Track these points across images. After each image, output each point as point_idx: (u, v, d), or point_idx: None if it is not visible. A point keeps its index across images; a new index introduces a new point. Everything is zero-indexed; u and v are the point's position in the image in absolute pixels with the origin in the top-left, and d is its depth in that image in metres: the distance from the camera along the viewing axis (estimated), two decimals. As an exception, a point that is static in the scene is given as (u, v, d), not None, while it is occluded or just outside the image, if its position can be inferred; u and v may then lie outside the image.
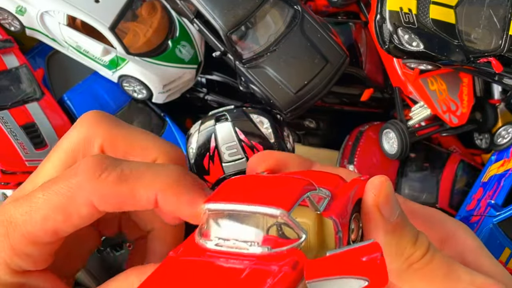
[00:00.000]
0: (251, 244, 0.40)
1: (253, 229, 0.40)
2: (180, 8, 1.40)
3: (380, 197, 0.44)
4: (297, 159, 0.55)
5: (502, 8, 1.34)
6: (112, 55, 1.34)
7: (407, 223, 0.46)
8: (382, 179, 0.45)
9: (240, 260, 0.39)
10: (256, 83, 1.35)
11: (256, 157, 0.55)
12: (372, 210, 0.45)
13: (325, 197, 0.44)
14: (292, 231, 0.40)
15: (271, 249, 0.39)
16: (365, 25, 1.55)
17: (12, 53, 1.35)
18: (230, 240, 0.40)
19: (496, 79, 1.38)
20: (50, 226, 0.45)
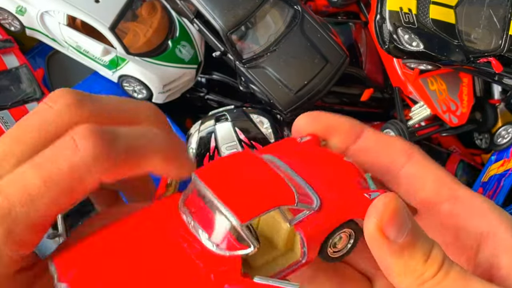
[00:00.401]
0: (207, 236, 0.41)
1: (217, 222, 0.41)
2: (180, 8, 1.40)
3: (384, 220, 0.42)
4: (347, 124, 0.51)
5: (502, 8, 1.34)
6: (112, 55, 1.34)
7: (419, 238, 0.44)
8: (385, 201, 0.43)
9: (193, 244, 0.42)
10: (256, 83, 1.35)
11: (303, 119, 0.51)
12: (374, 236, 0.43)
13: (306, 210, 0.44)
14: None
15: (217, 248, 0.41)
16: (365, 25, 1.55)
17: (12, 53, 1.35)
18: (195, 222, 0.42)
19: (496, 79, 1.38)
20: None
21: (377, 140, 0.51)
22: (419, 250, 0.43)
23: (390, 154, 0.50)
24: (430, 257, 0.43)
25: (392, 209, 0.42)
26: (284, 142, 0.51)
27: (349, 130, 0.51)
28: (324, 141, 0.50)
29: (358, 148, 0.51)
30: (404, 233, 0.42)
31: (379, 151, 0.50)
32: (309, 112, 0.52)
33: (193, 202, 0.43)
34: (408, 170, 0.50)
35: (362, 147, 0.51)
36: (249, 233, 0.41)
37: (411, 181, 0.50)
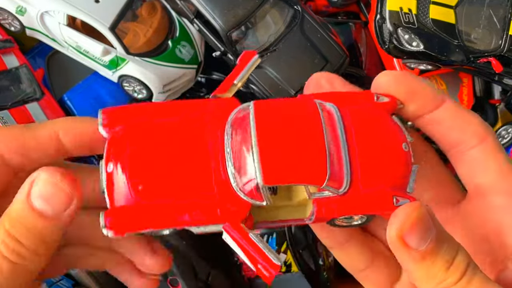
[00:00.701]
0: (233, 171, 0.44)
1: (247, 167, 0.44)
2: (180, 8, 1.40)
3: (404, 229, 0.42)
4: (429, 91, 0.49)
5: (502, 8, 1.34)
6: (112, 55, 1.34)
7: (443, 245, 0.43)
8: (407, 210, 0.43)
9: (219, 168, 0.44)
10: (256, 83, 1.35)
11: (385, 77, 0.50)
12: (395, 243, 0.43)
13: (330, 192, 0.45)
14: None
15: (237, 187, 0.44)
16: (365, 25, 1.55)
17: (12, 53, 1.35)
18: (231, 150, 0.44)
19: (496, 79, 1.38)
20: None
21: (455, 114, 0.49)
22: (442, 257, 0.43)
23: (463, 132, 0.49)
24: (453, 264, 0.43)
25: (414, 218, 0.42)
26: (360, 95, 0.51)
27: (429, 98, 0.49)
28: (401, 104, 0.49)
29: (433, 117, 0.50)
30: (427, 241, 0.43)
31: (453, 126, 0.49)
32: (393, 71, 0.51)
33: (240, 127, 0.45)
34: (475, 153, 0.49)
35: (437, 117, 0.49)
36: (267, 191, 0.43)
37: (473, 164, 0.49)
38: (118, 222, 0.44)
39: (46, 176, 0.43)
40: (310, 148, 0.44)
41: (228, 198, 0.44)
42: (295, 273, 1.31)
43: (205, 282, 1.26)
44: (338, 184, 0.45)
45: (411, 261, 0.43)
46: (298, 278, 1.31)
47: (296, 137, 0.44)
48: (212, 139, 0.45)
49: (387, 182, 0.46)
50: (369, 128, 0.48)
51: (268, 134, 0.44)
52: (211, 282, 1.28)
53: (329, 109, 0.48)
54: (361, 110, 0.49)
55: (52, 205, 0.44)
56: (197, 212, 0.43)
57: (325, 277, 1.35)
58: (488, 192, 0.49)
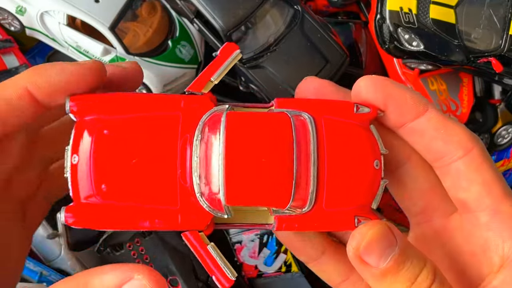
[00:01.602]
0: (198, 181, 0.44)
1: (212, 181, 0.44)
2: (180, 8, 1.40)
3: (361, 249, 0.42)
4: (410, 99, 0.47)
5: (502, 8, 1.34)
6: (112, 55, 1.34)
7: (406, 263, 0.42)
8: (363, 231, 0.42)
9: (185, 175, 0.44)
10: (256, 82, 1.35)
11: (364, 82, 0.49)
12: (354, 263, 0.43)
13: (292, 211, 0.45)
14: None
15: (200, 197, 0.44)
16: (365, 25, 1.55)
17: (12, 53, 1.35)
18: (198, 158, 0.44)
19: (496, 79, 1.38)
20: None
21: (439, 124, 0.48)
22: (404, 275, 0.42)
23: (447, 143, 0.47)
24: (416, 283, 0.43)
25: (371, 237, 0.42)
26: (338, 106, 0.49)
27: (410, 106, 0.47)
28: (381, 113, 0.48)
29: (415, 127, 0.48)
30: (387, 259, 0.42)
31: (436, 136, 0.48)
32: (373, 76, 0.49)
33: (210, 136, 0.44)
34: (460, 165, 0.47)
35: (420, 127, 0.48)
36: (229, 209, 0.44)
37: (458, 178, 0.48)
38: (78, 219, 0.44)
39: (146, 284, 0.40)
40: (277, 170, 0.43)
41: (190, 206, 0.44)
42: (295, 273, 1.31)
43: (205, 282, 1.26)
44: (301, 204, 0.45)
45: (372, 279, 0.43)
46: (298, 278, 1.31)
47: (264, 157, 0.43)
48: (182, 142, 0.45)
49: (351, 202, 0.46)
50: (342, 144, 0.47)
51: (236, 152, 0.43)
52: (211, 282, 1.28)
53: (304, 122, 0.46)
54: (336, 123, 0.48)
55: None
56: (158, 218, 0.43)
57: (325, 277, 1.35)
58: (474, 209, 0.48)
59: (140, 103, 0.46)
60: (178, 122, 0.45)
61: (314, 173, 0.45)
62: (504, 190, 0.47)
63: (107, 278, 0.41)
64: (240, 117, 0.45)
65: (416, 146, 0.49)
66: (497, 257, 0.46)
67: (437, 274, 0.43)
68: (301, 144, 0.45)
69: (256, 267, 1.38)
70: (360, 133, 0.47)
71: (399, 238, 0.42)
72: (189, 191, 0.43)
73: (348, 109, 0.48)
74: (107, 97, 0.47)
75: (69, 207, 0.44)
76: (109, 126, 0.45)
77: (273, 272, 1.34)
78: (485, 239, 0.47)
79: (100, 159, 0.43)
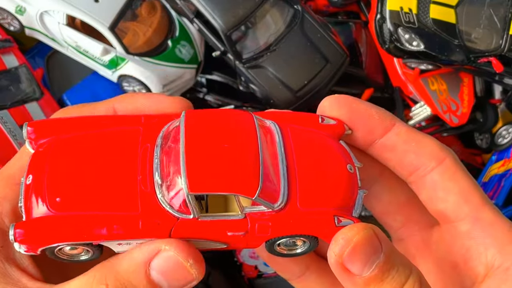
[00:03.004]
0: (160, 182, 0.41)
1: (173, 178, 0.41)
2: (180, 8, 1.40)
3: (345, 254, 0.39)
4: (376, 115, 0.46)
5: (502, 8, 1.34)
6: (112, 55, 1.34)
7: (391, 271, 0.40)
8: (348, 235, 0.40)
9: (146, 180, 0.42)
10: (256, 82, 1.35)
11: (328, 101, 0.47)
12: (335, 270, 0.40)
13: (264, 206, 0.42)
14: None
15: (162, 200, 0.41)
16: (365, 24, 1.54)
17: (12, 53, 1.35)
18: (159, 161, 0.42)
19: (496, 79, 1.38)
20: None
21: (408, 137, 0.47)
22: (388, 285, 0.40)
23: (419, 155, 0.47)
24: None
25: (356, 242, 0.39)
26: (303, 117, 0.48)
27: (376, 122, 0.47)
28: (349, 130, 0.47)
29: (385, 143, 0.47)
30: (372, 266, 0.40)
31: (407, 150, 0.47)
32: (338, 96, 0.48)
33: (170, 138, 0.43)
34: (434, 176, 0.46)
35: (389, 142, 0.47)
36: (195, 201, 0.40)
37: (434, 189, 0.47)
38: (29, 234, 0.40)
39: (177, 254, 0.40)
40: (242, 157, 0.41)
41: (152, 211, 0.41)
42: (295, 273, 1.31)
43: (205, 282, 1.25)
44: (272, 198, 0.42)
45: (352, 286, 0.41)
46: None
47: (228, 146, 0.41)
48: (142, 152, 0.43)
49: (328, 202, 0.43)
50: (311, 147, 0.45)
51: (197, 142, 0.41)
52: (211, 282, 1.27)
53: (268, 125, 0.45)
54: (303, 130, 0.46)
55: (171, 282, 0.40)
56: (117, 224, 0.40)
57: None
58: (453, 219, 0.47)
59: (98, 122, 0.46)
60: (138, 135, 0.44)
61: (284, 167, 0.43)
62: (481, 197, 0.46)
63: (135, 256, 0.40)
64: (200, 112, 0.44)
65: (388, 162, 0.48)
66: (481, 266, 0.45)
67: (423, 283, 0.42)
68: (265, 138, 0.43)
69: (256, 267, 1.38)
70: (328, 140, 0.46)
71: (384, 243, 0.40)
72: (150, 196, 0.41)
73: (313, 120, 0.47)
74: (65, 120, 0.46)
75: (20, 223, 0.40)
76: (65, 142, 0.44)
77: (273, 272, 1.34)
78: (467, 249, 0.46)
79: (54, 173, 0.41)
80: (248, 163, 0.41)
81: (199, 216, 0.41)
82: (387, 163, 0.48)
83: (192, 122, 0.42)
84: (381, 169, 0.50)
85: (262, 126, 0.44)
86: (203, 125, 0.42)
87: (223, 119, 0.43)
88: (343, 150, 0.46)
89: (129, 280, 0.40)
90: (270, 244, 0.44)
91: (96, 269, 0.41)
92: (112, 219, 0.40)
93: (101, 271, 0.40)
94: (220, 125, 0.42)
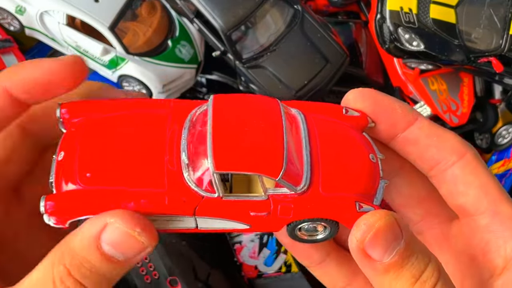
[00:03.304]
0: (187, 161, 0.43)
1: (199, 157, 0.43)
2: (180, 8, 1.40)
3: (366, 240, 0.40)
4: (400, 109, 0.47)
5: (502, 8, 1.34)
6: (112, 55, 1.34)
7: (411, 258, 0.41)
8: (370, 221, 0.40)
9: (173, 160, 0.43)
10: (256, 82, 1.35)
11: (352, 94, 0.48)
12: (356, 255, 0.41)
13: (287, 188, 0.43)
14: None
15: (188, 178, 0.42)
16: (365, 24, 1.54)
17: (12, 52, 1.35)
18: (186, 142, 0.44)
19: (496, 79, 1.38)
20: None
21: (430, 131, 0.48)
22: (408, 271, 0.41)
23: (440, 149, 0.47)
24: (420, 280, 0.41)
25: (378, 228, 0.40)
26: (327, 107, 0.49)
27: (399, 115, 0.47)
28: (372, 123, 0.48)
29: (407, 137, 0.48)
30: (392, 253, 0.40)
31: (429, 144, 0.47)
32: (362, 89, 0.49)
33: (198, 121, 0.44)
34: (455, 171, 0.47)
35: (411, 136, 0.48)
36: (220, 181, 0.42)
37: (454, 183, 0.47)
38: (59, 206, 0.42)
39: (123, 225, 0.40)
40: (267, 140, 0.42)
41: (178, 189, 0.42)
42: (295, 273, 1.31)
43: (205, 282, 1.26)
44: (295, 181, 0.43)
45: (373, 274, 0.41)
46: (298, 278, 1.31)
47: (254, 129, 0.42)
48: (170, 134, 0.44)
49: (350, 188, 0.44)
50: (334, 136, 0.46)
51: (224, 124, 0.42)
52: (211, 282, 1.27)
53: (293, 113, 0.46)
54: (327, 120, 0.47)
55: (124, 253, 0.41)
56: (143, 199, 0.42)
57: (325, 277, 1.34)
58: (473, 212, 0.47)
59: (129, 104, 0.47)
60: (167, 117, 0.45)
61: (307, 151, 0.44)
62: (501, 191, 0.47)
63: (85, 232, 0.40)
64: (227, 96, 0.45)
65: (409, 156, 0.49)
66: (499, 259, 0.46)
67: (442, 272, 0.42)
68: (289, 123, 0.44)
69: (256, 267, 1.38)
70: (351, 131, 0.47)
71: (404, 230, 0.41)
72: (177, 175, 0.42)
73: (337, 111, 0.48)
74: (97, 102, 0.47)
75: (50, 195, 0.42)
76: (96, 122, 0.45)
77: (273, 272, 1.34)
78: (486, 242, 0.47)
79: (85, 150, 0.43)
80: (273, 146, 0.42)
81: (223, 195, 0.42)
82: (409, 157, 0.49)
83: (220, 105, 0.43)
84: (402, 163, 0.51)
85: (287, 113, 0.45)
86: (231, 109, 0.43)
87: (250, 103, 0.44)
88: (366, 141, 0.47)
89: (84, 257, 0.40)
90: (291, 228, 0.45)
91: (54, 250, 0.41)
92: (139, 194, 0.42)
93: (58, 252, 0.41)
94: (247, 109, 0.44)
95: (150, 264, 1.20)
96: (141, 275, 1.16)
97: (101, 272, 0.41)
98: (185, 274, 1.22)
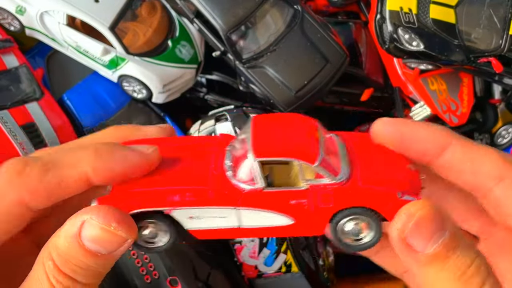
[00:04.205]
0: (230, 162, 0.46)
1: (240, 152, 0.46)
2: (180, 8, 1.40)
3: (407, 229, 0.39)
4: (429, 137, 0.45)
5: (502, 8, 1.34)
6: (112, 55, 1.34)
7: (456, 250, 0.39)
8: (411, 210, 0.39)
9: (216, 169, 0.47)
10: (256, 83, 1.35)
11: (380, 124, 0.47)
12: (397, 246, 0.40)
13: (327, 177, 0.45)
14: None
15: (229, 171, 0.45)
16: (365, 25, 1.55)
17: (12, 53, 1.35)
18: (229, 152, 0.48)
19: (496, 79, 1.38)
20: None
21: (463, 157, 0.45)
22: (454, 264, 0.39)
23: (476, 176, 0.45)
24: (466, 274, 0.39)
25: (419, 217, 0.39)
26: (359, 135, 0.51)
27: (429, 143, 0.46)
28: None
29: (441, 164, 0.46)
30: (435, 243, 0.39)
31: (463, 170, 0.46)
32: (388, 118, 0.47)
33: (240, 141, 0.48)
34: (497, 193, 0.45)
35: (445, 162, 0.46)
36: (260, 171, 0.44)
37: (499, 206, 0.45)
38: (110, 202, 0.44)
39: (98, 221, 0.40)
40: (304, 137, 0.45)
41: (221, 184, 0.45)
42: (295, 273, 1.31)
43: (205, 282, 1.25)
44: (335, 169, 0.44)
45: (416, 265, 0.40)
46: (298, 278, 1.31)
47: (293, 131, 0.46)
48: (216, 151, 0.49)
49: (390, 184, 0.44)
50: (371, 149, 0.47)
51: (263, 127, 0.46)
52: (211, 282, 1.27)
53: (329, 135, 0.48)
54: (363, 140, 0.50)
55: (106, 247, 0.41)
56: (188, 193, 0.45)
57: (325, 277, 1.34)
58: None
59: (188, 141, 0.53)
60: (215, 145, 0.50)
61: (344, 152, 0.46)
62: None
63: (67, 230, 0.41)
64: (267, 115, 0.49)
65: (449, 179, 0.47)
66: None
67: (489, 268, 0.40)
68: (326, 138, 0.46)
69: (256, 267, 1.37)
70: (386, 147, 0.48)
71: (449, 221, 0.39)
72: (220, 176, 0.46)
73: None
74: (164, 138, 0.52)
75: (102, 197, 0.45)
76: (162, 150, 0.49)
77: (273, 272, 1.34)
78: None
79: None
80: (309, 139, 0.45)
81: (264, 187, 0.45)
82: (447, 179, 0.48)
83: (260, 123, 0.47)
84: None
85: (323, 132, 0.48)
86: (270, 122, 0.47)
87: (290, 119, 0.48)
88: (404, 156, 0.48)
89: (69, 254, 0.41)
90: (334, 225, 0.45)
91: (41, 252, 0.43)
92: (185, 190, 0.45)
93: (45, 251, 0.42)
94: (286, 122, 0.48)
95: (150, 264, 1.20)
96: (141, 275, 1.16)
97: (89, 266, 0.42)
98: (185, 274, 1.22)
